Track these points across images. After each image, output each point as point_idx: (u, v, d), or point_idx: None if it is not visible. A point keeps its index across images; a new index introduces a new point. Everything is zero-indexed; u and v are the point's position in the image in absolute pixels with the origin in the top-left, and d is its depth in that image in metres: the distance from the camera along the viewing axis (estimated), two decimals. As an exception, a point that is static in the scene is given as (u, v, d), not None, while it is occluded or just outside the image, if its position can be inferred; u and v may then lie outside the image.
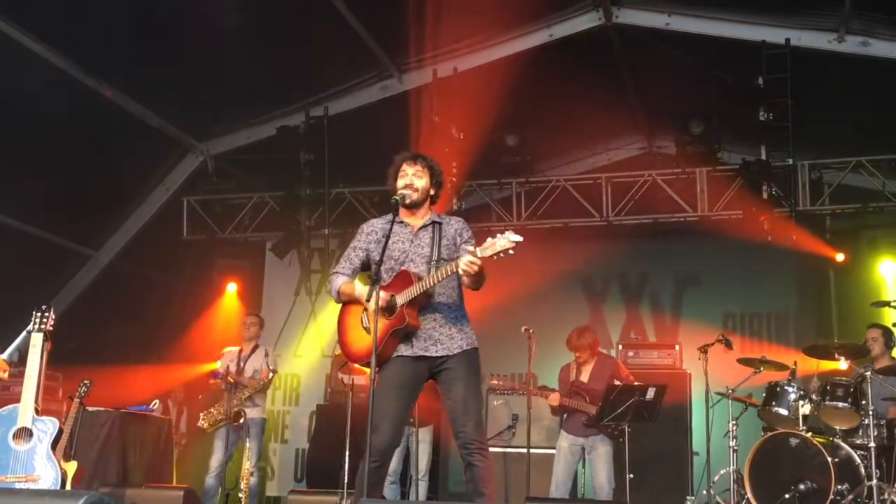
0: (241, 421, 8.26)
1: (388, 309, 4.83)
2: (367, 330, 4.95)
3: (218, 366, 8.79)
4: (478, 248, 4.61)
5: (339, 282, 5.10)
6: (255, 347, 8.83)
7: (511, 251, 4.55)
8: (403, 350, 4.92)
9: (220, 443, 8.37)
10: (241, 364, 8.64)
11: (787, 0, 8.52)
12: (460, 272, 4.67)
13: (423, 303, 4.91)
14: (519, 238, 4.51)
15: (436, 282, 4.82)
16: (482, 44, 9.52)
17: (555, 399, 7.84)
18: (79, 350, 9.09)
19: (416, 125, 9.60)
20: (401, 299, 4.84)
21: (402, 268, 4.96)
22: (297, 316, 11.24)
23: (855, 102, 9.07)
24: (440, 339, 4.93)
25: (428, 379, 5.01)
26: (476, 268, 4.61)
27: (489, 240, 4.60)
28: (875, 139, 9.32)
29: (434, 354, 4.91)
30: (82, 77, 8.93)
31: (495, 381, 8.25)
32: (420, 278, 4.86)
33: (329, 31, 8.69)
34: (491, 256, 4.58)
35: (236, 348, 8.85)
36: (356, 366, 5.53)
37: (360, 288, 4.99)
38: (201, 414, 8.52)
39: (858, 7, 8.21)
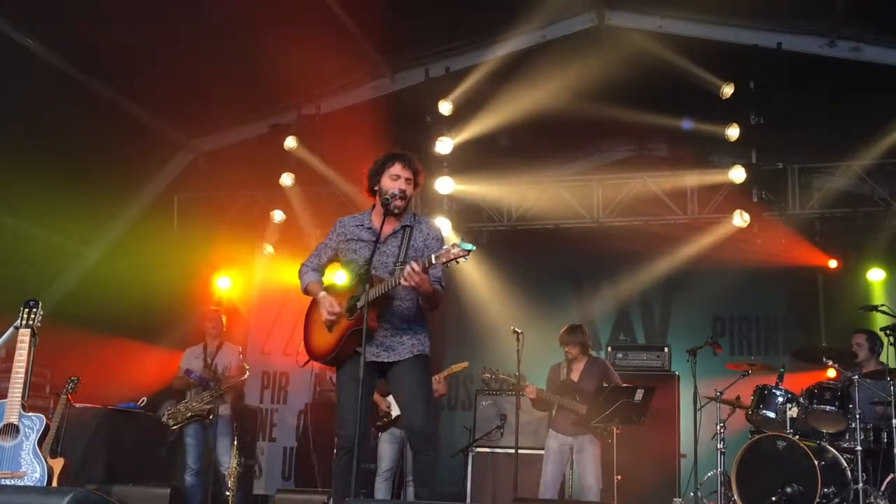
0: (212, 418, 8.20)
1: (349, 310, 4.99)
2: (327, 326, 5.13)
3: (181, 364, 8.69)
4: (432, 255, 4.70)
5: (309, 279, 5.32)
6: (221, 344, 8.74)
7: (464, 258, 4.63)
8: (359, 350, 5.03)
9: (194, 440, 8.33)
10: (210, 360, 8.54)
11: (780, 4, 8.54)
12: (401, 283, 4.77)
13: (384, 306, 5.03)
14: (471, 246, 4.60)
15: (392, 286, 4.91)
16: (474, 44, 9.52)
17: (531, 392, 7.88)
18: (67, 346, 9.05)
19: (407, 125, 9.60)
20: (360, 301, 4.93)
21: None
22: (286, 314, 11.21)
23: (846, 107, 9.10)
24: (391, 346, 5.08)
25: (379, 378, 5.21)
26: (416, 277, 4.68)
27: (443, 248, 4.71)
28: (865, 144, 9.34)
29: (385, 360, 5.07)
30: (76, 74, 8.90)
31: (487, 375, 8.27)
32: (381, 281, 4.97)
33: (322, 29, 8.68)
34: (445, 264, 4.69)
35: (198, 346, 8.75)
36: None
37: (322, 294, 5.19)
38: (166, 411, 8.44)
39: (850, 12, 8.24)
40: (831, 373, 8.05)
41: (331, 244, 5.31)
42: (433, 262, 4.67)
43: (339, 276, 5.56)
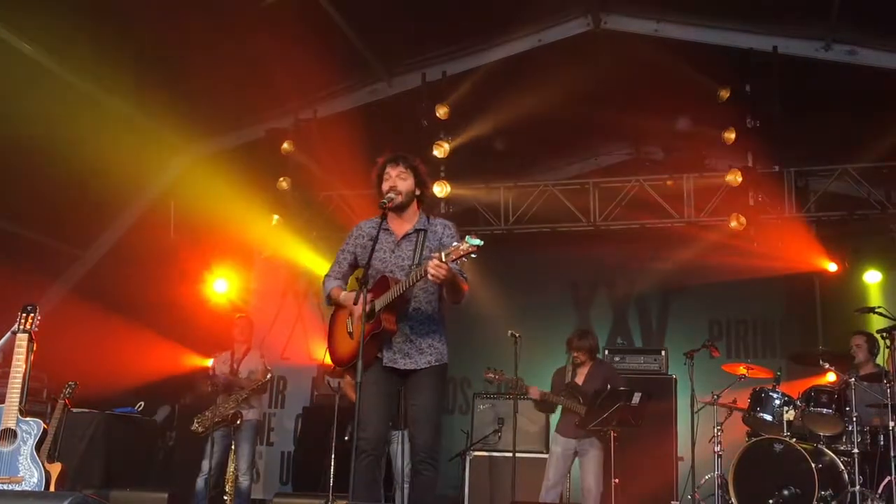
0: (238, 423, 8.23)
1: (368, 314, 4.91)
2: (349, 335, 5.10)
3: (210, 365, 8.75)
4: (442, 254, 4.66)
5: (331, 286, 5.27)
6: (248, 349, 8.79)
7: (473, 254, 4.58)
8: (380, 355, 5.04)
9: (218, 446, 8.32)
10: (235, 366, 8.59)
11: (775, 8, 8.56)
12: (429, 277, 4.71)
13: (401, 308, 5.00)
14: (479, 242, 4.54)
15: (408, 286, 4.88)
16: (471, 48, 9.53)
17: (534, 393, 7.91)
18: (64, 351, 9.05)
19: (404, 129, 9.61)
20: (378, 304, 4.93)
21: (381, 275, 5.04)
22: (284, 318, 11.22)
23: (841, 110, 9.12)
24: (409, 353, 5.04)
25: (402, 385, 5.14)
26: (443, 272, 4.64)
27: (453, 245, 4.66)
28: (861, 147, 9.37)
29: (402, 367, 5.03)
30: (72, 78, 8.90)
31: (491, 375, 8.26)
32: (397, 283, 4.94)
33: (319, 34, 8.68)
34: (455, 260, 4.64)
35: (227, 352, 8.81)
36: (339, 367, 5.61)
37: (344, 294, 5.16)
38: (195, 418, 8.45)
39: (845, 16, 8.25)
40: (831, 376, 8.06)
41: (349, 248, 5.28)
42: (443, 259, 4.62)
43: None
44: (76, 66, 8.85)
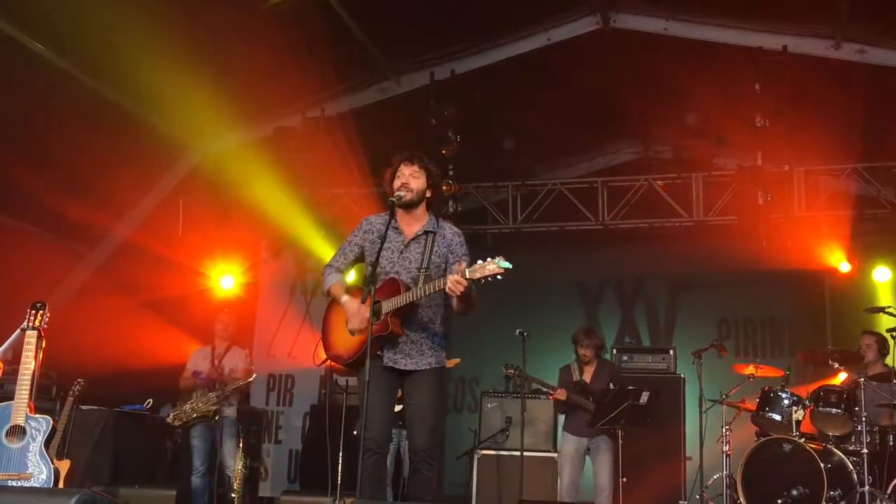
0: (217, 419, 8.16)
1: (373, 314, 4.88)
2: (351, 332, 5.06)
3: (188, 365, 8.67)
4: (466, 269, 4.64)
5: (332, 280, 5.25)
6: (229, 346, 8.72)
7: (499, 276, 4.57)
8: (381, 353, 5.02)
9: (200, 442, 8.27)
10: (217, 362, 8.52)
11: (785, 7, 8.53)
12: (447, 290, 4.71)
13: (408, 312, 4.99)
14: (508, 265, 4.55)
15: (422, 295, 4.88)
16: (479, 46, 9.53)
17: (561, 394, 7.89)
18: (73, 348, 9.07)
19: (412, 127, 9.60)
20: (386, 306, 4.91)
21: (390, 276, 5.03)
22: (291, 316, 11.24)
23: (851, 109, 9.08)
24: (410, 354, 5.03)
25: (400, 385, 5.12)
26: (462, 288, 4.65)
27: (479, 262, 4.64)
28: (870, 146, 9.34)
29: (402, 368, 5.02)
30: (82, 77, 8.92)
31: (511, 371, 8.22)
32: (408, 288, 4.92)
33: (327, 32, 8.69)
34: (479, 279, 4.62)
35: (206, 347, 8.73)
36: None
37: (345, 298, 5.12)
38: (171, 412, 8.41)
39: (855, 15, 8.23)
40: (842, 376, 8.04)
41: (356, 241, 5.25)
42: (467, 276, 4.60)
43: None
44: (88, 67, 8.87)
